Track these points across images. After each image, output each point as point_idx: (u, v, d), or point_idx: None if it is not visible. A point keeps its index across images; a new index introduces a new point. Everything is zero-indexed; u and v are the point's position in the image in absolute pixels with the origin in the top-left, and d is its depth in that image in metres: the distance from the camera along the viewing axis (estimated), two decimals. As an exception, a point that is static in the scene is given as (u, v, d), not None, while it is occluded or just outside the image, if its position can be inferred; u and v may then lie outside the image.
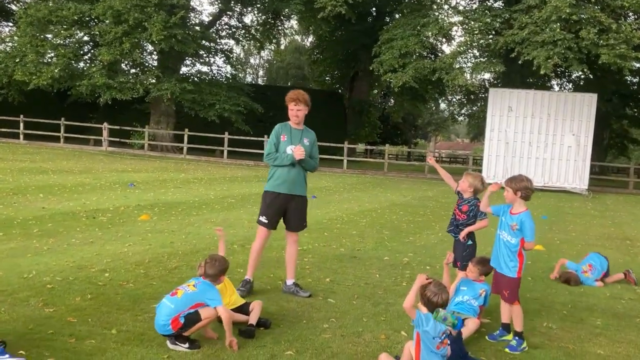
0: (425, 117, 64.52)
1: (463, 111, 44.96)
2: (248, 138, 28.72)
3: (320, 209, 13.02)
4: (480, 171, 25.52)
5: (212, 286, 4.45)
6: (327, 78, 45.48)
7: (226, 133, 29.18)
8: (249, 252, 6.08)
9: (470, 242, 5.53)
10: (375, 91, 46.74)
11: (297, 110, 5.79)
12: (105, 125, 30.06)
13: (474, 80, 29.41)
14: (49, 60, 29.07)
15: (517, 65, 26.61)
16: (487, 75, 35.42)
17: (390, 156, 34.54)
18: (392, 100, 48.38)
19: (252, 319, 4.70)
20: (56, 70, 27.75)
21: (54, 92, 31.74)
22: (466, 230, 5.49)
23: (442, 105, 57.27)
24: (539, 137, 23.90)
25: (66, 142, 30.60)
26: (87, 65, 30.27)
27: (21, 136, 30.57)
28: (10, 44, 30.75)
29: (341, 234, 9.72)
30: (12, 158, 21.13)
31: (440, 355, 3.77)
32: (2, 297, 5.16)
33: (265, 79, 69.42)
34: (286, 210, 5.85)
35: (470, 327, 4.82)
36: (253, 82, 60.17)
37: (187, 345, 4.23)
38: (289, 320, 5.05)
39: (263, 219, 5.85)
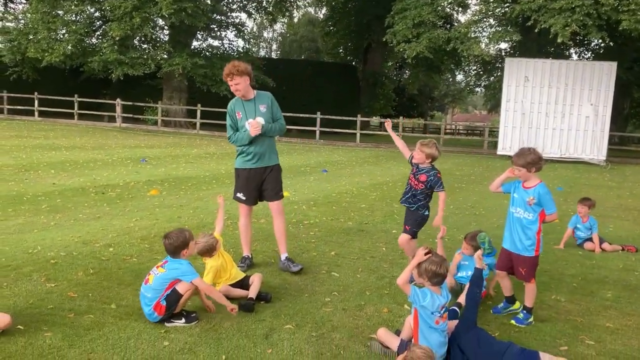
0: (442, 88, 63.59)
1: (480, 82, 44.19)
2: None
3: (331, 182, 12.92)
4: (495, 143, 25.19)
5: (181, 262, 4.29)
6: (340, 50, 44.92)
7: (239, 107, 29.00)
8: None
9: (426, 213, 5.36)
10: (390, 63, 46.11)
11: (235, 85, 5.44)
12: (119, 101, 30.09)
13: (489, 50, 28.78)
14: (61, 36, 29.04)
15: (533, 34, 25.97)
16: (503, 45, 34.80)
17: (405, 129, 34.21)
18: (407, 72, 47.71)
19: (252, 292, 4.65)
20: (68, 47, 27.76)
21: (67, 69, 31.79)
22: (440, 213, 5.19)
23: (459, 77, 56.42)
24: (555, 108, 23.41)
25: (80, 119, 30.75)
26: (99, 41, 30.20)
27: (36, 113, 30.76)
28: (22, 21, 30.73)
29: (350, 208, 9.62)
30: (27, 135, 21.28)
31: (439, 330, 3.68)
32: (6, 272, 5.17)
33: (278, 52, 68.85)
34: (262, 184, 5.69)
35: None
36: (267, 56, 59.73)
37: (182, 320, 4.19)
38: (290, 294, 5.00)
39: (241, 195, 5.72)
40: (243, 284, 4.82)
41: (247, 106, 5.55)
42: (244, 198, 5.71)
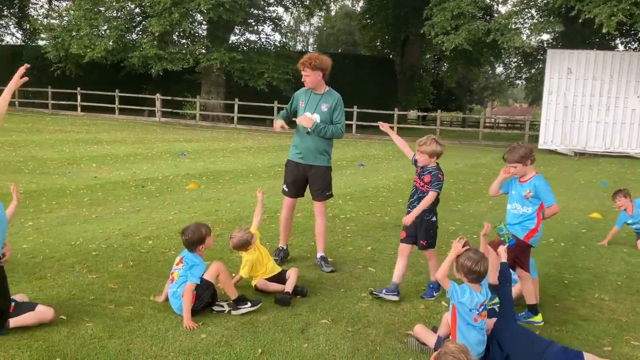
0: (481, 81, 62.51)
1: (521, 74, 43.21)
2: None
3: (367, 177, 12.86)
4: (536, 137, 24.61)
5: (195, 260, 4.32)
6: (377, 43, 44.59)
7: (275, 102, 29.17)
8: (293, 220, 6.03)
9: (434, 219, 4.85)
10: (428, 56, 45.53)
11: (304, 77, 5.48)
12: (158, 96, 30.61)
13: (531, 41, 28.06)
14: (102, 32, 29.70)
15: (577, 25, 25.24)
16: (545, 36, 33.90)
17: (443, 123, 33.76)
18: (446, 65, 47.05)
19: (288, 286, 4.66)
20: (109, 43, 28.38)
21: (108, 65, 32.47)
22: (415, 211, 4.69)
23: (499, 69, 55.25)
24: (600, 100, 22.70)
25: (121, 114, 31.41)
26: (139, 36, 30.77)
27: (79, 108, 31.56)
28: (66, 18, 31.54)
29: (387, 202, 9.55)
30: (70, 129, 21.87)
31: (478, 327, 3.60)
32: (50, 263, 5.31)
33: (315, 46, 68.82)
34: (307, 180, 5.69)
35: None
36: (303, 49, 59.77)
37: (249, 304, 4.30)
38: (326, 288, 4.98)
39: (284, 187, 5.80)
40: (280, 278, 4.83)
41: (312, 99, 5.57)
42: (286, 190, 5.77)
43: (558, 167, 17.72)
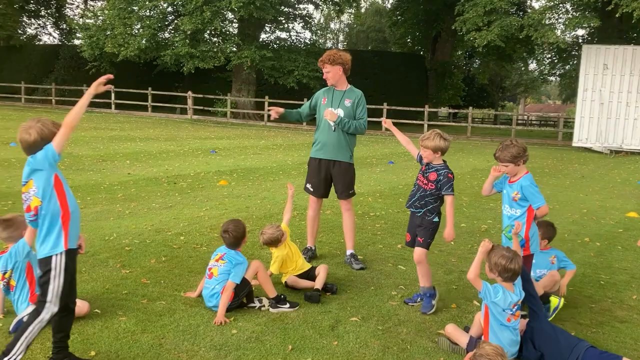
0: (514, 78, 61.47)
1: (554, 71, 42.35)
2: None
3: (397, 174, 12.78)
4: (570, 135, 24.09)
5: (238, 258, 4.36)
6: (408, 40, 44.26)
7: (305, 99, 29.15)
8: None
9: (436, 219, 4.47)
10: (459, 52, 45.00)
11: (325, 73, 5.50)
12: (190, 94, 30.97)
13: (565, 37, 27.49)
14: (136, 31, 30.18)
15: (614, 20, 24.60)
16: (580, 31, 33.06)
17: (475, 120, 33.33)
18: (477, 61, 46.44)
19: (318, 283, 4.66)
20: (142, 41, 28.82)
21: (141, 63, 32.99)
22: (449, 224, 4.37)
23: (532, 65, 54.24)
24: (637, 97, 22.06)
25: (154, 111, 31.89)
26: (171, 35, 31.17)
27: (112, 106, 32.15)
28: (101, 17, 32.15)
29: (417, 200, 9.46)
30: (104, 127, 22.29)
31: (511, 328, 3.54)
32: (84, 258, 5.41)
33: (345, 43, 68.67)
34: (331, 177, 5.65)
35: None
36: (333, 47, 59.69)
37: (288, 305, 4.33)
38: (356, 286, 4.97)
39: (308, 186, 5.76)
40: (309, 274, 4.83)
41: (335, 96, 5.58)
42: (311, 189, 5.73)
43: (593, 165, 17.32)
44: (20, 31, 43.10)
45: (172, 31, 31.42)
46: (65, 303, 3.25)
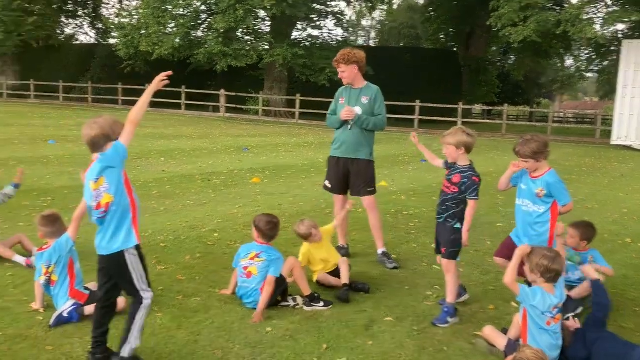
0: (550, 74, 60.17)
1: (592, 67, 41.30)
2: (359, 101, 28.45)
3: (430, 172, 12.62)
4: (609, 132, 23.46)
5: (275, 253, 4.40)
6: (441, 36, 43.74)
7: (337, 97, 29.15)
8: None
9: (458, 226, 4.19)
10: (494, 48, 44.29)
11: (340, 72, 5.47)
12: (223, 92, 31.24)
13: (604, 32, 26.73)
14: (170, 30, 30.57)
15: (656, 13, 23.78)
16: (620, 26, 32.12)
17: (509, 117, 32.78)
18: (512, 58, 45.59)
19: (344, 278, 4.64)
20: (176, 40, 29.17)
21: (175, 62, 33.40)
22: (465, 228, 4.14)
23: (569, 61, 53.00)
24: (680, 93, 21.37)
25: (187, 109, 32.26)
26: (204, 33, 31.47)
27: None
28: (136, 16, 32.68)
29: (451, 198, 9.33)
30: (139, 124, 22.60)
31: (551, 332, 3.43)
32: (121, 254, 5.49)
33: (377, 40, 68.29)
34: (349, 175, 5.59)
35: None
36: (364, 44, 59.46)
37: (322, 304, 4.32)
38: (391, 285, 4.91)
39: (327, 183, 5.76)
40: (335, 272, 4.80)
41: (352, 94, 5.55)
42: (329, 186, 5.73)
43: (634, 163, 16.82)
44: (58, 31, 44.10)
45: (205, 30, 31.72)
46: (109, 298, 3.30)
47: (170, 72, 3.49)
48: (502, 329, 3.85)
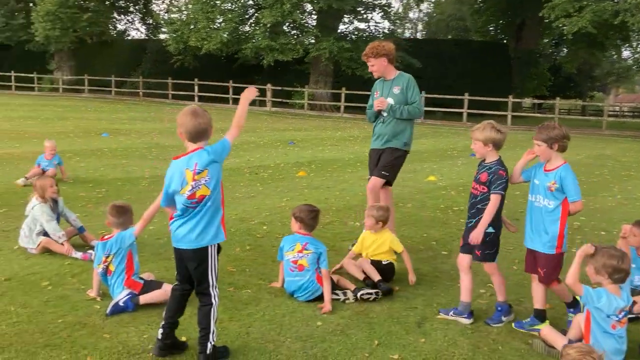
0: (605, 66, 58.00)
1: (651, 58, 39.61)
2: (405, 95, 28.03)
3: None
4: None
5: (320, 245, 4.40)
6: (490, 28, 42.77)
7: (383, 90, 28.93)
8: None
9: (490, 230, 3.89)
10: (546, 40, 43.01)
11: (370, 67, 5.49)
12: (269, 86, 31.46)
13: (666, 21, 25.53)
14: (218, 25, 30.97)
15: None
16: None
17: (561, 111, 31.81)
18: (565, 49, 44.15)
19: (374, 276, 4.60)
20: (224, 35, 29.53)
21: (223, 56, 33.85)
22: (481, 225, 3.85)
23: (626, 53, 50.97)
24: None
25: (234, 103, 32.61)
26: (251, 28, 31.75)
27: (196, 98, 33.22)
28: (185, 12, 33.26)
29: (502, 194, 9.11)
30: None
31: (616, 336, 3.28)
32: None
33: (424, 33, 67.37)
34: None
35: None
36: (411, 36, 58.75)
37: (372, 291, 4.35)
38: (442, 283, 4.83)
39: (368, 176, 5.79)
40: (380, 266, 4.71)
41: (385, 86, 5.59)
42: (368, 178, 5.72)
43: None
44: (111, 27, 45.36)
45: (253, 24, 31.99)
46: (191, 287, 3.34)
47: (256, 92, 3.64)
48: (561, 330, 3.72)
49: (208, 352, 3.22)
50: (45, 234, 5.16)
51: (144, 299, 4.02)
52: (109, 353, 3.35)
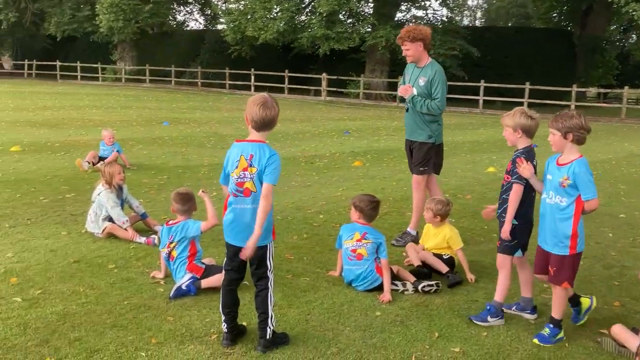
0: (677, 54, 54.92)
1: None
2: (462, 84, 27.26)
3: (541, 158, 11.96)
4: None
5: (379, 234, 4.37)
6: (553, 15, 41.19)
7: (440, 79, 28.36)
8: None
9: (516, 222, 3.69)
10: (614, 26, 41.07)
11: (405, 50, 5.29)
12: (324, 75, 31.44)
13: None
14: (275, 15, 31.13)
15: None
16: None
17: (629, 100, 30.37)
18: (634, 36, 42.10)
19: (441, 268, 4.57)
20: (281, 25, 29.66)
21: (279, 46, 34.04)
22: (507, 220, 3.67)
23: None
24: None
25: (290, 93, 32.83)
26: (307, 17, 31.75)
27: (252, 88, 33.59)
28: (242, 2, 33.59)
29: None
30: (242, 108, 23.33)
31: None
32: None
33: (483, 20, 65.64)
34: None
35: None
36: (470, 24, 57.38)
37: (433, 282, 4.33)
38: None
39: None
40: (443, 258, 4.68)
41: (413, 73, 5.43)
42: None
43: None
44: (171, 18, 46.38)
45: (309, 13, 31.99)
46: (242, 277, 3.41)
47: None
48: (631, 328, 3.55)
49: (268, 336, 3.26)
50: (111, 219, 5.34)
51: (205, 282, 4.11)
52: (173, 335, 3.43)
